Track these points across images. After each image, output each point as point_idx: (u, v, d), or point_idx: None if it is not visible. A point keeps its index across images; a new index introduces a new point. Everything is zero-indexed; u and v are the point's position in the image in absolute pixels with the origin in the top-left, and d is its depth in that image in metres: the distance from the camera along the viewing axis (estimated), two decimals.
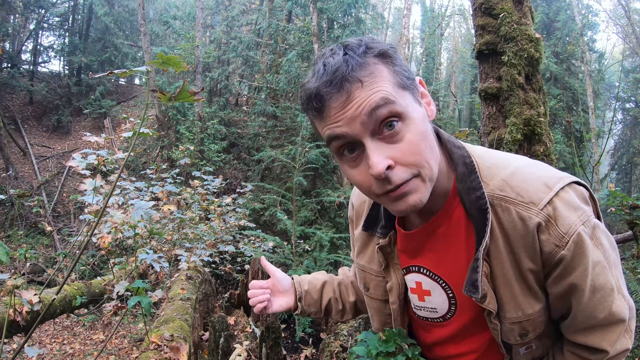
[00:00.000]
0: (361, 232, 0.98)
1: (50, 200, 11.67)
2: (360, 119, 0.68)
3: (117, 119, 15.26)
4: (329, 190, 9.12)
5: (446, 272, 0.85)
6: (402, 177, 0.70)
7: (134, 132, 1.38)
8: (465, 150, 0.82)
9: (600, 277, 0.74)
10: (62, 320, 6.34)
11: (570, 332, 0.82)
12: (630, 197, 2.57)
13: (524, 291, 0.77)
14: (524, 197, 0.73)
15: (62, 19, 17.36)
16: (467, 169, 0.79)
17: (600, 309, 0.75)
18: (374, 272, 0.97)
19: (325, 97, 0.69)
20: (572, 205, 0.73)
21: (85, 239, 2.29)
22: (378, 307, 1.00)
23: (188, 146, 8.18)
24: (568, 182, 0.74)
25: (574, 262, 0.72)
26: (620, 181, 18.63)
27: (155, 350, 2.14)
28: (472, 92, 18.96)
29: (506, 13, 2.70)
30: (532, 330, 0.81)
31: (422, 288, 0.90)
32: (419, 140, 0.70)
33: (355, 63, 0.68)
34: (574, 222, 0.71)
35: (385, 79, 0.69)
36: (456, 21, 27.63)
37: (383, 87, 0.68)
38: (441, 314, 0.89)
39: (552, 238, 0.72)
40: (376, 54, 0.70)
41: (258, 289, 1.11)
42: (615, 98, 19.57)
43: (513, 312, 0.79)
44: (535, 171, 0.76)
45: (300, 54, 11.33)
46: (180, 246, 4.48)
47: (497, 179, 0.77)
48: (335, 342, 3.21)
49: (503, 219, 0.75)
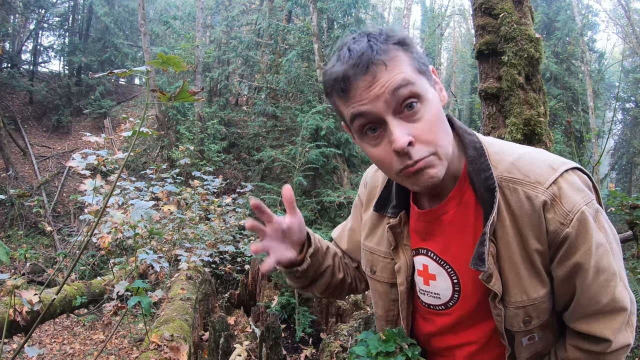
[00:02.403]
0: (372, 213, 1.00)
1: (50, 200, 11.66)
2: (384, 97, 0.73)
3: (117, 119, 15.25)
4: (329, 190, 9.11)
5: (453, 256, 0.87)
6: (420, 154, 0.75)
7: (134, 131, 1.38)
8: (476, 136, 0.86)
9: (604, 259, 0.76)
10: (62, 320, 6.34)
11: (573, 320, 0.83)
12: (630, 197, 2.57)
13: (530, 273, 0.79)
14: (531, 178, 0.78)
15: (62, 19, 17.36)
16: (477, 153, 0.83)
17: (603, 292, 0.77)
18: (382, 253, 0.98)
19: (352, 78, 0.74)
20: (575, 186, 0.77)
21: (85, 239, 2.29)
22: (384, 291, 1.00)
23: (188, 146, 8.19)
24: (572, 167, 0.79)
25: (578, 240, 0.75)
26: (620, 181, 18.62)
27: (155, 350, 2.14)
28: (472, 92, 18.96)
29: (506, 13, 2.70)
30: (536, 317, 0.82)
31: (428, 272, 0.91)
32: (436, 120, 0.76)
33: (379, 48, 0.74)
34: (577, 201, 0.75)
35: (406, 63, 0.75)
36: (456, 21, 27.62)
37: (404, 70, 0.74)
38: (444, 300, 0.90)
39: (557, 216, 0.75)
40: (396, 42, 0.76)
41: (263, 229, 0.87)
42: (615, 98, 19.57)
43: (518, 296, 0.80)
44: (541, 156, 0.81)
45: (300, 54, 11.32)
46: (180, 246, 4.49)
47: (504, 162, 0.81)
48: (335, 342, 3.21)
49: (510, 200, 0.79)
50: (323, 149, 8.47)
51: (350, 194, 8.62)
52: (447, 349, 0.94)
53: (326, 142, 8.65)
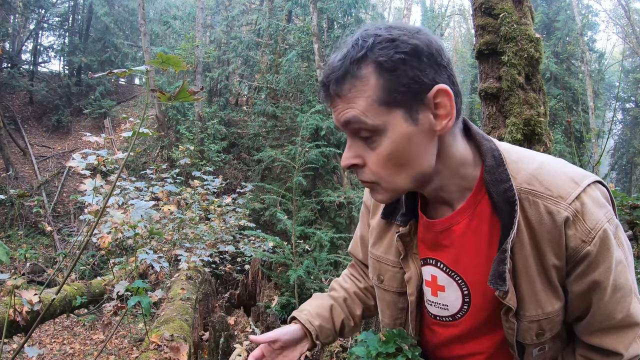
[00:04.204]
0: (379, 220, 0.96)
1: (50, 200, 11.66)
2: (340, 123, 0.74)
3: (117, 119, 15.24)
4: (329, 190, 9.12)
5: (465, 268, 0.84)
6: (364, 177, 0.76)
7: (134, 131, 1.38)
8: (494, 143, 0.82)
9: (622, 276, 0.74)
10: (62, 320, 6.34)
11: (585, 334, 0.81)
12: (630, 197, 2.56)
13: (546, 288, 0.77)
14: (553, 191, 0.74)
15: (62, 19, 17.34)
16: (496, 161, 0.78)
17: (619, 309, 0.75)
18: (390, 262, 0.95)
19: (323, 93, 0.75)
20: (598, 202, 0.73)
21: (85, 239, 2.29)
22: (391, 300, 0.97)
23: (188, 146, 8.18)
24: (593, 180, 0.75)
25: (599, 258, 0.72)
26: (620, 181, 18.62)
27: (155, 350, 2.14)
28: (472, 92, 18.94)
29: (506, 13, 2.70)
30: (549, 330, 0.80)
31: (436, 283, 0.88)
32: (389, 156, 0.72)
33: (342, 74, 0.70)
34: (600, 218, 0.72)
35: (366, 94, 0.69)
36: (456, 21, 27.63)
37: (358, 105, 0.70)
38: (452, 312, 0.88)
39: (578, 233, 0.72)
40: (375, 61, 0.68)
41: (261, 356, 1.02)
42: (615, 98, 19.56)
43: (533, 310, 0.78)
44: (561, 167, 0.77)
45: (300, 54, 11.32)
46: (180, 246, 4.48)
47: (524, 172, 0.77)
48: (335, 342, 3.21)
49: (529, 213, 0.75)
50: (323, 149, 8.47)
51: (350, 194, 8.62)
52: (453, 358, 0.93)
53: (326, 142, 8.65)
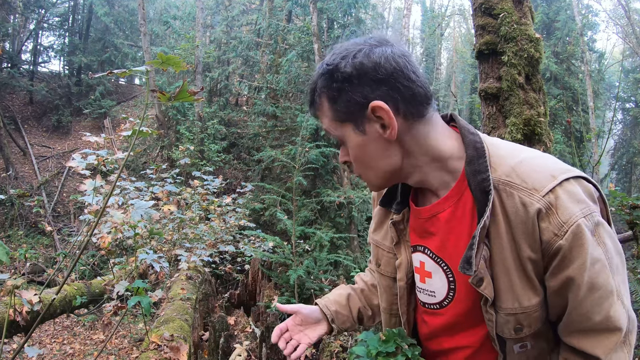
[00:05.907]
0: (379, 208, 1.03)
1: (50, 200, 11.66)
2: None
3: (117, 119, 15.23)
4: (329, 190, 9.11)
5: (449, 255, 0.87)
6: (353, 172, 0.91)
7: (134, 131, 1.38)
8: (479, 136, 0.84)
9: (600, 276, 0.73)
10: (62, 320, 6.34)
11: (565, 334, 0.81)
12: (630, 197, 2.56)
13: (522, 281, 0.77)
14: (528, 183, 0.75)
15: (62, 19, 17.34)
16: (477, 153, 0.81)
17: (597, 310, 0.74)
18: (386, 248, 1.01)
19: None
20: (575, 197, 0.73)
21: (85, 239, 2.29)
22: (387, 285, 1.03)
23: (188, 146, 8.18)
24: (575, 175, 0.75)
25: (572, 254, 0.72)
26: (620, 181, 18.60)
27: (155, 350, 2.14)
28: (472, 92, 18.95)
29: (506, 13, 2.70)
30: (528, 326, 0.80)
31: (424, 269, 0.92)
32: (354, 160, 0.86)
33: (310, 100, 0.87)
34: (574, 212, 0.72)
35: (325, 114, 0.85)
36: (456, 21, 27.62)
37: (324, 121, 0.86)
38: (439, 299, 0.90)
39: (551, 226, 0.72)
40: (321, 91, 0.83)
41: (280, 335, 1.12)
42: (615, 98, 19.57)
43: (509, 302, 0.79)
44: (544, 162, 0.78)
45: (300, 54, 11.32)
46: (180, 246, 4.48)
47: (505, 165, 0.79)
48: (335, 342, 3.21)
49: (506, 204, 0.76)
50: (323, 149, 8.48)
51: (350, 194, 8.62)
52: (441, 352, 0.94)
53: (326, 142, 8.64)
